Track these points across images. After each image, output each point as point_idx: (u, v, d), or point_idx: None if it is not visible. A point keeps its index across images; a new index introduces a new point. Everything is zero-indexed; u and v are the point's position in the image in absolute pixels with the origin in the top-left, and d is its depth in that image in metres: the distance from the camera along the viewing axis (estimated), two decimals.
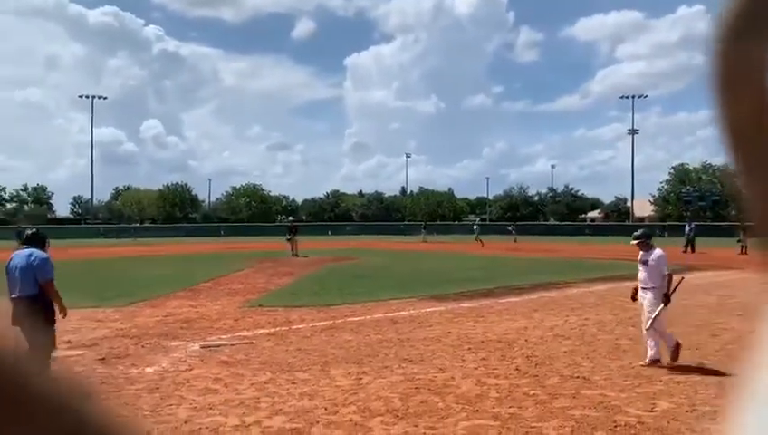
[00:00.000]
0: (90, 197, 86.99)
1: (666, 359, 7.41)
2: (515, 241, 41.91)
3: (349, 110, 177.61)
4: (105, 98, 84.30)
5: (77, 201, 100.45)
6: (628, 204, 77.84)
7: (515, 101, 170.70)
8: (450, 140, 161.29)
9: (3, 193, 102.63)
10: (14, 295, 6.51)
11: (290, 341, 8.93)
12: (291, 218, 47.85)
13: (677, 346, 7.41)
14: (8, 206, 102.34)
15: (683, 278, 8.14)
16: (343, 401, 5.95)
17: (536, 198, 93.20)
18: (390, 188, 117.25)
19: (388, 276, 18.95)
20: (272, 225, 75.34)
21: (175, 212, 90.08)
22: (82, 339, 9.15)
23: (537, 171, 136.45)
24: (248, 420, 5.37)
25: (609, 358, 7.78)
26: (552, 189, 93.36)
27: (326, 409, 5.68)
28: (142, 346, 8.66)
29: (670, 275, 7.56)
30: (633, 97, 75.17)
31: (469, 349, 8.31)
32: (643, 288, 7.73)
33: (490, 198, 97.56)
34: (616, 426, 5.22)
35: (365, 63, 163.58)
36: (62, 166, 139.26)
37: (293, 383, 6.60)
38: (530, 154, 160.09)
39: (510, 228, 48.41)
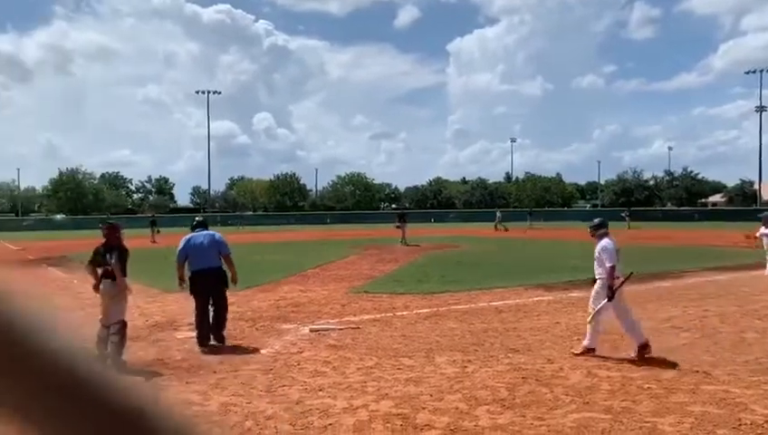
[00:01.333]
0: (207, 187, 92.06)
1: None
2: (629, 228, 40.02)
3: (451, 96, 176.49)
4: (219, 93, 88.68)
5: (196, 191, 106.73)
6: (755, 187, 72.14)
7: (628, 80, 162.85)
8: (558, 123, 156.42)
9: (129, 185, 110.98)
10: (201, 267, 8.08)
11: (395, 327, 9.04)
12: (394, 206, 48.27)
13: (645, 344, 7.05)
14: (135, 197, 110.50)
15: (631, 273, 7.74)
16: (449, 388, 5.96)
17: (652, 182, 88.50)
18: (495, 175, 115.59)
19: (493, 264, 18.71)
20: (375, 212, 76.39)
21: (285, 201, 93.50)
22: None
23: (653, 154, 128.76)
24: (356, 403, 5.50)
25: (734, 352, 7.28)
26: (669, 173, 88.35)
27: (431, 395, 5.71)
28: (256, 329, 9.09)
29: (612, 267, 7.27)
30: (761, 72, 69.55)
31: (578, 340, 8.04)
32: (595, 279, 7.59)
33: (601, 182, 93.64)
34: (740, 424, 4.88)
35: (468, 48, 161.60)
36: (182, 158, 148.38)
37: (399, 369, 6.68)
38: (645, 135, 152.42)
39: (623, 214, 46.23)
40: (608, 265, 7.37)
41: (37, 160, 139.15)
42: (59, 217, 79.10)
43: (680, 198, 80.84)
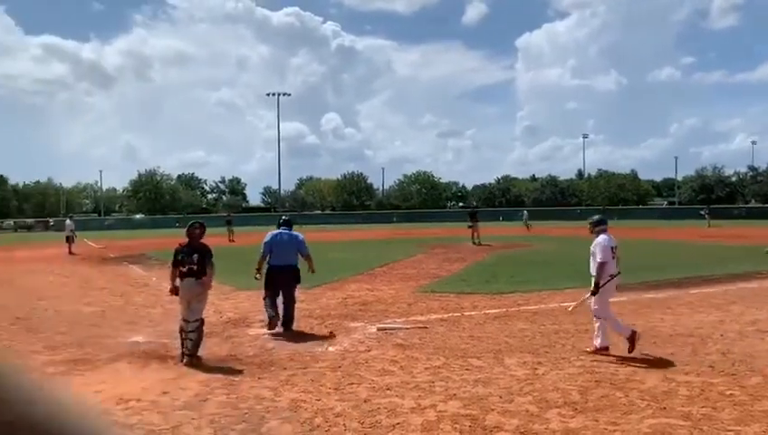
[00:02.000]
0: (277, 187, 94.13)
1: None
2: (709, 226, 38.25)
3: (520, 92, 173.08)
4: (289, 95, 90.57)
5: (266, 191, 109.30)
6: None
7: (709, 72, 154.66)
8: (633, 117, 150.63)
9: (204, 185, 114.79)
10: (278, 263, 8.98)
11: (462, 327, 8.97)
12: (461, 204, 47.96)
13: (633, 335, 7.23)
14: (209, 197, 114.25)
15: (618, 273, 7.66)
16: (519, 390, 5.86)
17: (734, 179, 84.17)
18: (566, 172, 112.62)
19: (564, 264, 18.25)
20: (442, 211, 75.96)
21: (351, 200, 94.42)
22: None
23: (735, 148, 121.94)
24: (423, 403, 5.49)
25: None
26: (752, 168, 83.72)
27: (501, 397, 5.63)
28: (325, 326, 9.22)
29: (603, 263, 7.38)
30: None
31: (655, 343, 7.76)
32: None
33: (679, 179, 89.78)
34: None
35: (538, 43, 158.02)
36: (254, 159, 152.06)
37: (467, 370, 6.63)
38: (726, 130, 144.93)
39: (702, 212, 44.21)
40: (599, 260, 7.47)
41: (118, 162, 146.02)
42: (138, 216, 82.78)
43: (765, 194, 76.52)
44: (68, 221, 30.44)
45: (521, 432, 4.75)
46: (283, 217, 10.16)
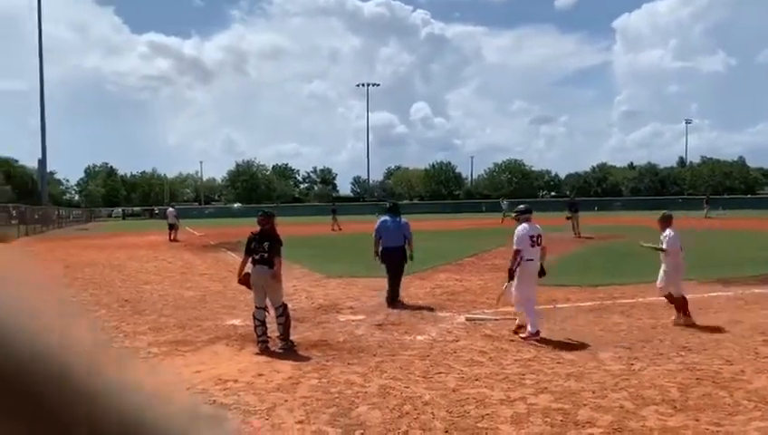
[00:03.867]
0: (366, 177, 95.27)
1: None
2: None
3: (618, 75, 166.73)
4: (378, 85, 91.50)
5: (356, 181, 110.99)
6: None
7: None
8: (741, 101, 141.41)
9: (297, 176, 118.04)
10: (388, 245, 10.26)
11: (554, 320, 8.76)
12: (553, 193, 46.63)
13: (536, 334, 7.50)
14: (302, 187, 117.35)
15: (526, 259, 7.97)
16: (613, 385, 5.66)
17: None
18: (666, 159, 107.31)
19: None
20: (534, 200, 74.16)
21: (440, 189, 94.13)
22: (363, 306, 10.12)
23: None
24: (513, 395, 5.41)
25: None
26: None
27: (594, 392, 5.46)
28: (413, 315, 9.27)
29: (516, 251, 7.92)
30: None
31: (764, 341, 7.26)
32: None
33: None
34: None
35: (637, 24, 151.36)
36: (344, 149, 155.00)
37: (559, 363, 6.47)
38: None
39: None
40: (514, 247, 8.02)
41: (217, 154, 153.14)
42: (236, 205, 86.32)
43: None
44: (170, 209, 32.19)
45: (615, 429, 4.59)
46: (389, 204, 11.46)
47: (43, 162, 54.84)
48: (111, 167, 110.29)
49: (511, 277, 8.00)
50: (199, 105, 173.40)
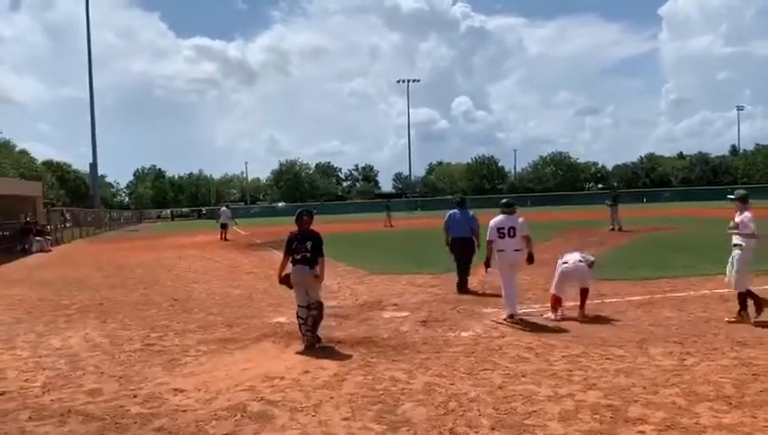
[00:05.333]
0: (408, 173, 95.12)
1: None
2: None
3: (665, 63, 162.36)
4: (418, 81, 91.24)
5: (397, 177, 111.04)
6: None
7: None
8: None
9: (339, 173, 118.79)
10: (456, 236, 11.23)
11: (603, 314, 8.59)
12: (600, 186, 45.77)
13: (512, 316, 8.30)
14: (344, 184, 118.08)
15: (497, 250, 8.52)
16: (664, 381, 5.51)
17: None
18: (718, 148, 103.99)
19: (716, 248, 16.84)
20: (579, 193, 72.98)
21: (483, 184, 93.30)
22: (406, 302, 10.12)
23: None
24: (561, 391, 5.33)
25: None
26: None
27: (645, 388, 5.33)
28: (458, 311, 9.22)
29: (489, 242, 8.61)
30: None
31: None
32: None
33: None
34: None
35: (684, 9, 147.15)
36: (386, 146, 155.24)
37: (608, 359, 6.33)
38: None
39: None
40: (487, 238, 8.59)
41: (261, 154, 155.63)
42: (280, 204, 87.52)
43: None
44: (224, 208, 32.82)
45: (667, 426, 4.47)
46: (458, 198, 12.66)
47: (94, 166, 56.68)
48: (159, 169, 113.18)
49: (487, 264, 8.79)
50: (244, 106, 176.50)
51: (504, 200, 9.11)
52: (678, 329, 7.58)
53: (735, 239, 8.00)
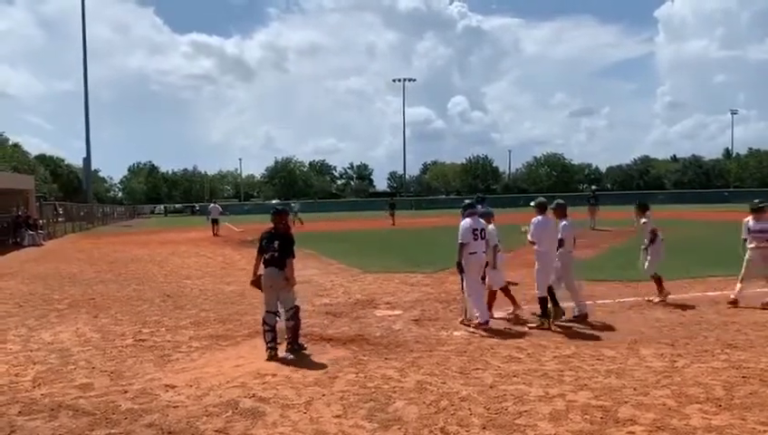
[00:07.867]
0: (403, 172, 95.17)
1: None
2: None
3: (661, 66, 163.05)
4: (414, 80, 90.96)
5: (392, 176, 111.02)
6: None
7: None
8: None
9: (334, 171, 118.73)
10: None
11: (595, 316, 8.62)
12: (593, 187, 45.99)
13: (484, 324, 7.92)
14: (338, 182, 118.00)
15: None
16: (655, 382, 5.54)
17: None
18: (711, 151, 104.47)
19: (708, 251, 16.99)
20: (572, 194, 73.10)
21: (477, 184, 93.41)
22: (399, 301, 10.13)
23: None
24: (552, 392, 5.35)
25: None
26: None
27: (635, 389, 5.36)
28: (450, 310, 9.23)
29: (460, 245, 8.15)
30: None
31: None
32: None
33: None
34: None
35: (680, 12, 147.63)
36: (381, 145, 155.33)
37: (599, 360, 6.36)
38: None
39: None
40: (458, 241, 8.18)
41: (256, 151, 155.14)
42: (274, 202, 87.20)
43: None
44: (213, 205, 32.76)
45: (657, 427, 4.49)
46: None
47: (87, 161, 56.34)
48: (153, 164, 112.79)
49: (460, 270, 8.22)
50: (240, 103, 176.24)
51: (467, 201, 8.85)
52: (669, 331, 7.62)
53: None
